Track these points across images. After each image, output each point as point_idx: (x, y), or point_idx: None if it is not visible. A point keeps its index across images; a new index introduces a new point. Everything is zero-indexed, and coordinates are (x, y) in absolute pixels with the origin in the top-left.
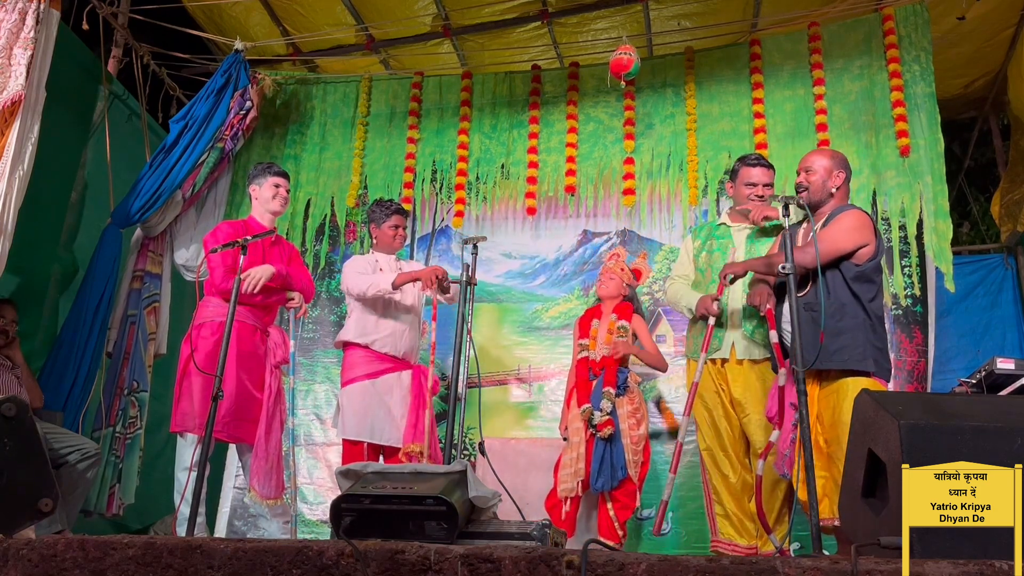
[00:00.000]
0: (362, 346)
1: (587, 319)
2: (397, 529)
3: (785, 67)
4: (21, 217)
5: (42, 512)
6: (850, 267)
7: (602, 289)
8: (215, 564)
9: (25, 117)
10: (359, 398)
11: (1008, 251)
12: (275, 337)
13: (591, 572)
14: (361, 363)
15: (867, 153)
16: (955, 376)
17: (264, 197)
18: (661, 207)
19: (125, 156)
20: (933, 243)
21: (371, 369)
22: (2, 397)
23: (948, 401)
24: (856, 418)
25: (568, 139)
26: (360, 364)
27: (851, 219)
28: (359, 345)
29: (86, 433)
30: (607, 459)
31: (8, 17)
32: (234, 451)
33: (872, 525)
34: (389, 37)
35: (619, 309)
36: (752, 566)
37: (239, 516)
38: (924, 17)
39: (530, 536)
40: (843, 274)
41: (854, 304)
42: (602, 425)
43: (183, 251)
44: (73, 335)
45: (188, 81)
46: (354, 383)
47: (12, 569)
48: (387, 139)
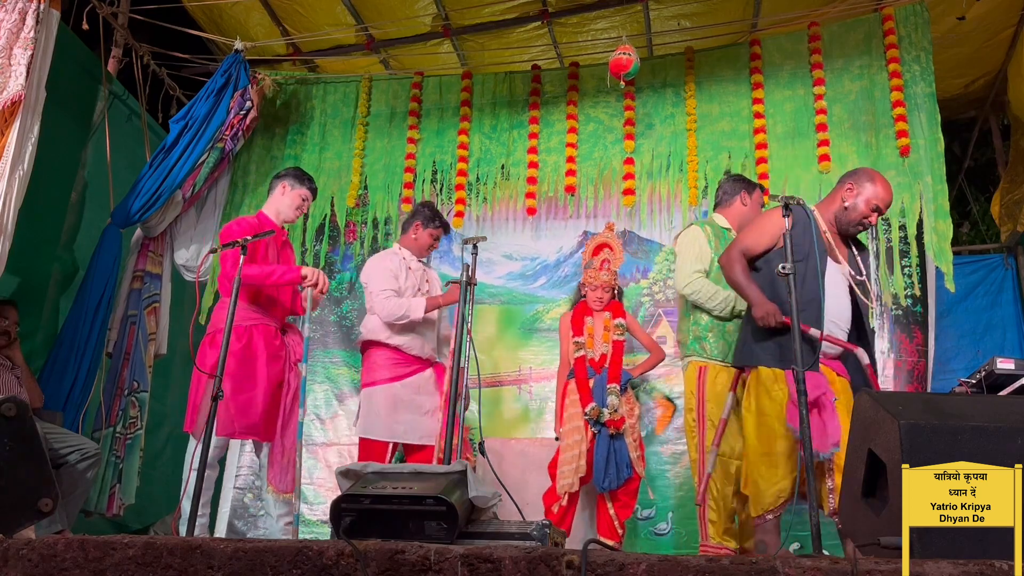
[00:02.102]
0: (388, 347)
1: (578, 317)
2: (397, 529)
3: (785, 67)
4: (21, 217)
5: (42, 512)
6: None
7: (596, 303)
8: (215, 564)
9: (25, 117)
10: (384, 400)
11: (1008, 251)
12: (292, 335)
13: (591, 572)
14: (387, 365)
15: (867, 153)
16: (955, 376)
17: (286, 203)
18: (661, 207)
19: (125, 156)
20: (933, 243)
21: (397, 372)
22: (2, 397)
23: (948, 401)
24: (856, 418)
25: (568, 139)
26: (386, 366)
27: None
28: (385, 346)
29: (86, 433)
30: (612, 458)
31: (8, 17)
32: (235, 451)
33: (872, 525)
34: (389, 37)
35: (612, 307)
36: (752, 566)
37: (239, 516)
38: (924, 17)
39: (530, 536)
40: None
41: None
42: (613, 422)
43: (183, 251)
44: (73, 335)
45: (188, 81)
46: (377, 385)
47: (12, 569)
48: (387, 139)
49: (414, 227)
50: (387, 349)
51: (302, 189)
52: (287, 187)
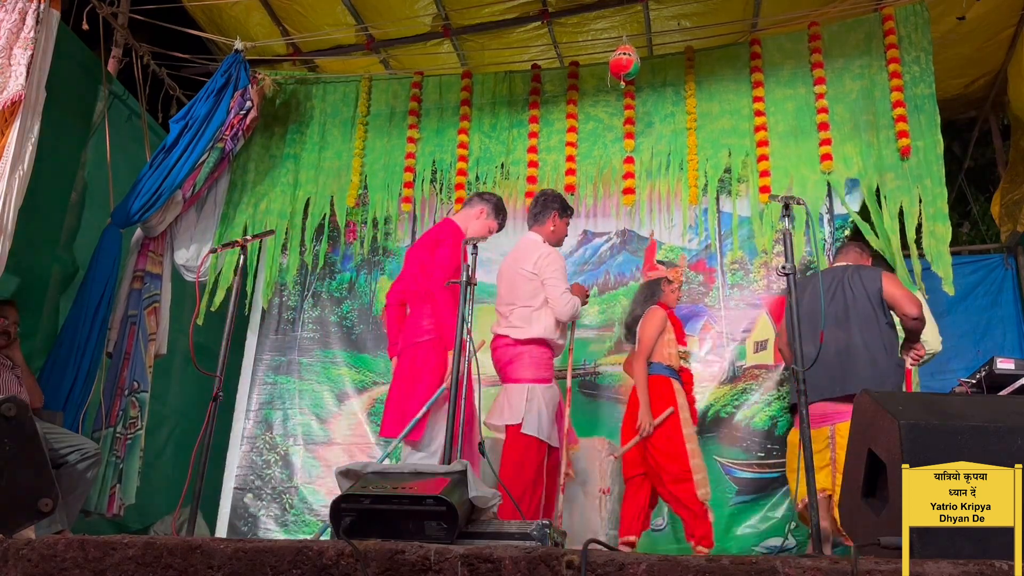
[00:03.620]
0: (550, 347)
1: (675, 320)
2: (397, 529)
3: (785, 67)
4: (21, 217)
5: (42, 512)
6: None
7: (675, 304)
8: (215, 564)
9: (25, 117)
10: (545, 399)
11: (1008, 251)
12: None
13: (591, 572)
14: (549, 363)
15: (868, 154)
16: (955, 376)
17: (477, 226)
18: (661, 206)
19: (125, 156)
20: (931, 247)
21: (551, 374)
22: (2, 397)
23: (948, 401)
24: (856, 418)
25: (568, 138)
26: (548, 366)
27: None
28: (549, 346)
29: (86, 433)
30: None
31: (8, 17)
32: (235, 451)
33: (872, 525)
34: (389, 37)
35: (677, 324)
36: (752, 566)
37: (239, 516)
38: (924, 17)
39: (530, 536)
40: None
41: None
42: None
43: (183, 251)
44: (73, 335)
45: (188, 81)
46: (543, 384)
47: (12, 569)
48: (387, 139)
49: (551, 218)
50: (547, 349)
51: (494, 222)
52: (485, 213)
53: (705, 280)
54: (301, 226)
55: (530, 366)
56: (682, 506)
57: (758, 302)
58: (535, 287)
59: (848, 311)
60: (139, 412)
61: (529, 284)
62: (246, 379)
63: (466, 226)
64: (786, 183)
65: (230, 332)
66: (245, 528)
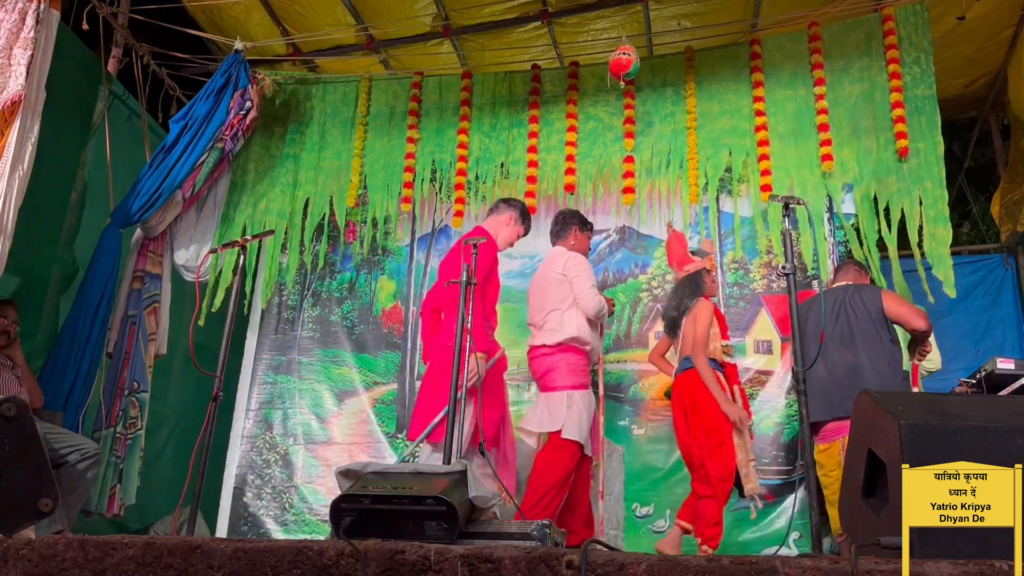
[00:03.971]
0: (582, 352)
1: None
2: (397, 529)
3: (785, 67)
4: (21, 217)
5: (42, 512)
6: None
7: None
8: (215, 564)
9: (25, 117)
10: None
11: (1008, 251)
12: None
13: (591, 572)
14: (585, 369)
15: (867, 157)
16: (955, 376)
17: (506, 232)
18: (661, 205)
19: (125, 156)
20: (932, 249)
21: (586, 379)
22: (2, 397)
23: (948, 401)
24: (856, 418)
25: (568, 138)
26: (584, 370)
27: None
28: (581, 352)
29: (86, 433)
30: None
31: (8, 17)
32: (235, 451)
33: (872, 525)
34: (389, 37)
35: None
36: (752, 566)
37: (239, 516)
38: (924, 17)
39: (530, 536)
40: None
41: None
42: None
43: (183, 251)
44: (73, 335)
45: (188, 81)
46: (581, 389)
47: (12, 569)
48: (387, 139)
49: (572, 233)
50: (583, 355)
51: (521, 227)
52: (513, 219)
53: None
54: (301, 226)
55: (568, 373)
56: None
57: (758, 301)
58: (565, 289)
59: (853, 332)
60: (139, 412)
61: (559, 286)
62: (246, 379)
63: (496, 232)
64: (787, 183)
65: (230, 332)
66: (245, 528)
